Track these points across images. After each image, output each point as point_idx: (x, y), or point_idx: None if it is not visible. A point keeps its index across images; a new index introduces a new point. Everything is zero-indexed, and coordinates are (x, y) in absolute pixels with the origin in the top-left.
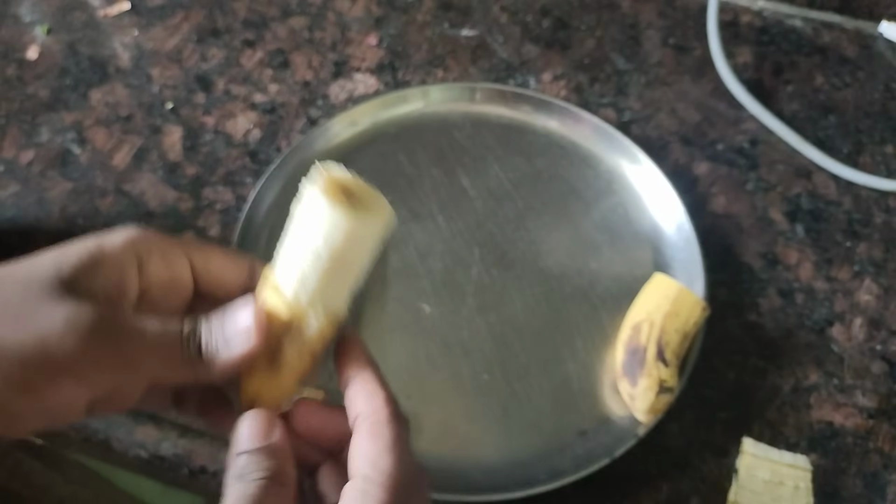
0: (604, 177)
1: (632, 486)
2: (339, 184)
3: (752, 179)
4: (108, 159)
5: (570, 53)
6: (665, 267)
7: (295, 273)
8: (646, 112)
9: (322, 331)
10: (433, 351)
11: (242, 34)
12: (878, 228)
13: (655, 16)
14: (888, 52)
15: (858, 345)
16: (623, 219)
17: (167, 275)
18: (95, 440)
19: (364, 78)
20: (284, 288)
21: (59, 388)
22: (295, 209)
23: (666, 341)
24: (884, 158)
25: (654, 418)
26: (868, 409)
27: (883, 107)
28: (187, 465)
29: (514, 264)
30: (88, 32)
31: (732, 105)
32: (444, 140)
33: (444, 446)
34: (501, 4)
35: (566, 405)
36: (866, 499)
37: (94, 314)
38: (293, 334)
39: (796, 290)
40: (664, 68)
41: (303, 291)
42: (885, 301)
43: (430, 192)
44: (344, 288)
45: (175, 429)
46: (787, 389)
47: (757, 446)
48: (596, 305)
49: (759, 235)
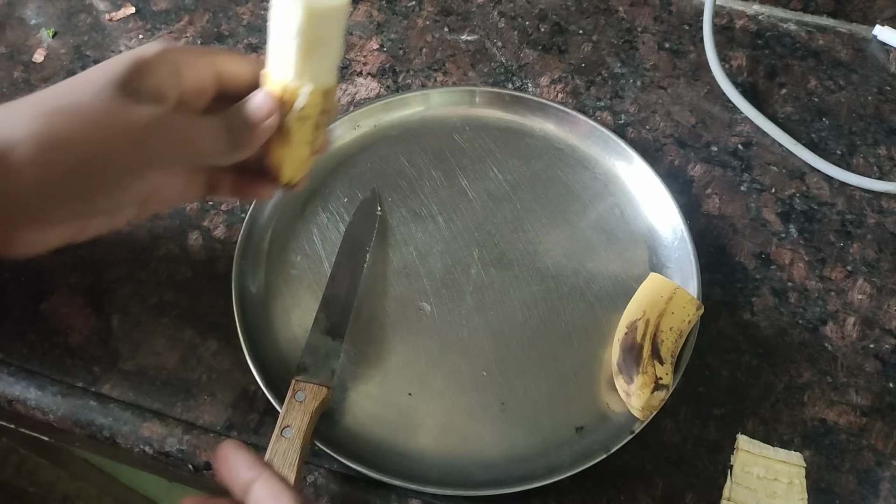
0: (600, 178)
1: (627, 482)
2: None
3: (746, 181)
4: None
5: (567, 57)
6: (660, 267)
7: (279, 60)
8: (641, 115)
9: (314, 99)
10: (433, 349)
11: (246, 38)
12: (871, 229)
13: (651, 20)
14: (881, 55)
15: (852, 343)
16: (619, 220)
17: (197, 78)
18: (101, 437)
19: (366, 82)
20: (274, 74)
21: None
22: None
23: (661, 339)
24: (877, 160)
25: (650, 415)
26: (861, 407)
27: (876, 109)
28: (192, 462)
29: (513, 264)
30: (94, 36)
31: (727, 108)
32: (444, 143)
33: (443, 442)
34: (500, 10)
35: (563, 402)
36: (859, 495)
37: (156, 111)
38: (292, 109)
39: (790, 290)
40: (660, 72)
41: (288, 71)
42: (878, 300)
43: (431, 193)
44: (321, 62)
45: (180, 425)
46: (781, 387)
47: (751, 443)
48: (592, 304)
49: (752, 236)
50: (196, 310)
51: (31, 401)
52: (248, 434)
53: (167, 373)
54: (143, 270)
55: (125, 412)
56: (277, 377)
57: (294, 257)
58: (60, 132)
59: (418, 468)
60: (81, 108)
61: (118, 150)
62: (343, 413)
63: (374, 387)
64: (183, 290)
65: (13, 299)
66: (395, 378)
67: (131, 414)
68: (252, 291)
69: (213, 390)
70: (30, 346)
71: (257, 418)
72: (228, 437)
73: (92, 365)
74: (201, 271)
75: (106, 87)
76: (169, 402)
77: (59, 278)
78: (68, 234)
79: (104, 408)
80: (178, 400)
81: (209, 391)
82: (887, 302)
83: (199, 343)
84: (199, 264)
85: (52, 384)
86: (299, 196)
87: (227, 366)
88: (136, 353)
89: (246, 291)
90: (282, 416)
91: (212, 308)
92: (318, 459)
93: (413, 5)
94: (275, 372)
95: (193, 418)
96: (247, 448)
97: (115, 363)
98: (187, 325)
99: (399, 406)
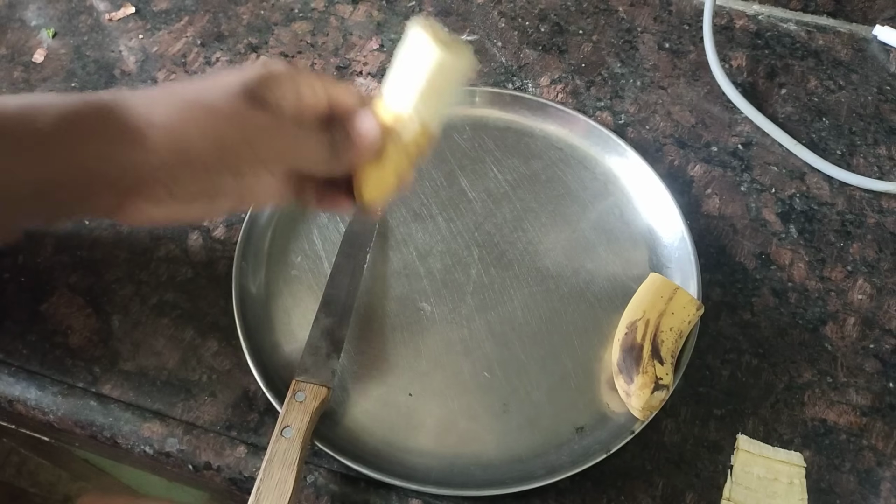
0: (600, 178)
1: (628, 482)
2: (435, 30)
3: (746, 181)
4: None
5: (567, 58)
6: (660, 267)
7: (398, 91)
8: (641, 115)
9: (417, 137)
10: (433, 349)
11: (246, 38)
12: (871, 229)
13: (651, 21)
14: (882, 55)
15: (852, 343)
16: (619, 220)
17: (312, 98)
18: (101, 437)
19: (366, 82)
20: (390, 103)
21: (256, 172)
22: (398, 49)
23: (661, 340)
24: (877, 160)
25: (650, 415)
26: (861, 407)
27: (876, 109)
28: (192, 462)
29: (513, 264)
30: (94, 36)
31: (727, 108)
32: (444, 142)
33: (443, 442)
34: (500, 10)
35: (564, 402)
36: (860, 495)
37: (276, 119)
38: (395, 138)
39: (790, 290)
40: (660, 72)
41: (403, 104)
42: (878, 300)
43: (431, 193)
44: (435, 107)
45: (180, 425)
46: (781, 387)
47: (751, 443)
48: (592, 304)
49: (752, 236)
50: (196, 310)
51: (32, 401)
52: (248, 434)
53: (167, 373)
54: (144, 271)
55: (125, 412)
56: (277, 377)
57: (294, 257)
58: (193, 122)
59: (418, 468)
60: (213, 106)
61: (238, 145)
62: (343, 413)
63: (375, 387)
64: (183, 291)
65: (13, 299)
66: (395, 378)
67: (132, 414)
68: (252, 292)
69: (214, 390)
70: (30, 347)
71: (257, 418)
72: (229, 438)
73: (92, 365)
74: (201, 272)
75: (236, 91)
76: (169, 403)
77: (59, 279)
78: (172, 214)
79: (104, 408)
80: (179, 400)
81: (209, 391)
82: (887, 302)
83: (200, 343)
84: (199, 265)
85: (52, 384)
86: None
87: (227, 366)
88: (136, 353)
89: (246, 292)
90: (282, 416)
91: (212, 308)
92: (318, 459)
93: (413, 5)
94: (275, 372)
95: (194, 418)
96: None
97: (115, 363)
98: (188, 325)
99: (399, 406)
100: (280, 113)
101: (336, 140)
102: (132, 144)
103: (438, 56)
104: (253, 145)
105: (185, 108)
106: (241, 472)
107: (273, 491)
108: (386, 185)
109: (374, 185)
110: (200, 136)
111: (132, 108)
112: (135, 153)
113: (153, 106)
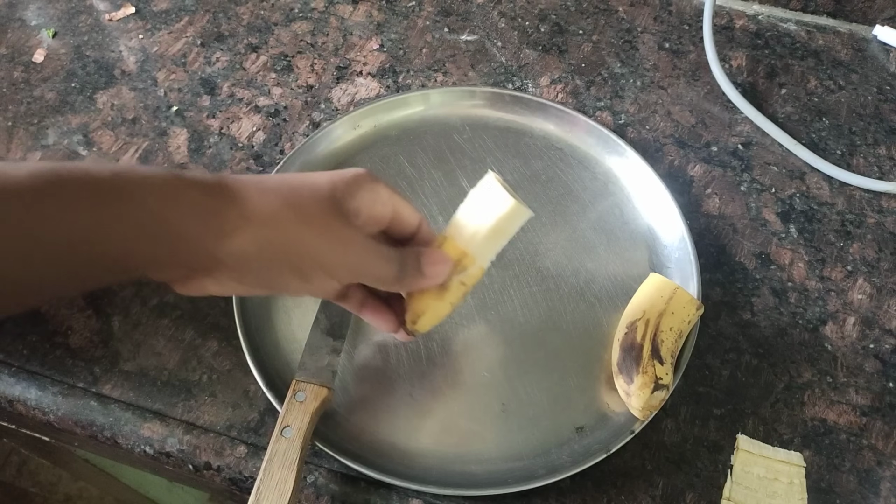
0: (600, 178)
1: (628, 482)
2: (503, 182)
3: (746, 181)
4: (114, 161)
5: (567, 58)
6: (660, 267)
7: (468, 231)
8: (641, 115)
9: (475, 274)
10: (434, 349)
11: (246, 38)
12: (871, 229)
13: (651, 21)
14: (881, 55)
15: (851, 343)
16: (619, 220)
17: (381, 210)
18: (102, 437)
19: (366, 82)
20: (458, 240)
21: (323, 279)
22: (470, 191)
23: (661, 339)
24: (877, 160)
25: (650, 415)
26: (861, 407)
27: (876, 109)
28: (192, 462)
29: (513, 264)
30: (94, 36)
31: (727, 108)
32: (444, 143)
33: (444, 442)
34: (500, 10)
35: (564, 402)
36: (860, 495)
37: (355, 233)
38: (458, 273)
39: (790, 290)
40: (660, 72)
41: (471, 244)
42: (878, 300)
43: (431, 193)
44: (494, 249)
45: (180, 425)
46: (781, 387)
47: (751, 443)
48: (592, 304)
49: (752, 236)
50: (196, 311)
51: (32, 401)
52: (248, 434)
53: (168, 373)
54: None
55: (126, 412)
56: (277, 377)
57: None
58: (284, 226)
59: (418, 468)
60: (304, 211)
61: (319, 256)
62: (343, 413)
63: (375, 387)
64: None
65: None
66: (395, 378)
67: (132, 414)
68: None
69: (214, 390)
70: (31, 347)
71: (257, 418)
72: (229, 438)
73: (93, 365)
74: None
75: (325, 197)
76: (169, 403)
77: None
78: (228, 292)
79: (105, 408)
80: (179, 400)
81: (210, 391)
82: (887, 302)
83: (200, 344)
84: None
85: (52, 385)
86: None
87: (227, 366)
88: (136, 353)
89: None
90: (282, 416)
91: (212, 309)
92: (318, 459)
93: (413, 5)
94: (275, 372)
95: (194, 418)
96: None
97: (115, 364)
98: (188, 325)
99: (399, 406)
100: (358, 224)
101: (406, 265)
102: (228, 234)
103: (512, 205)
104: (331, 258)
105: (281, 208)
106: (241, 472)
107: (273, 491)
108: (440, 314)
109: (431, 315)
110: (286, 241)
111: (244, 200)
112: (226, 242)
113: (265, 198)
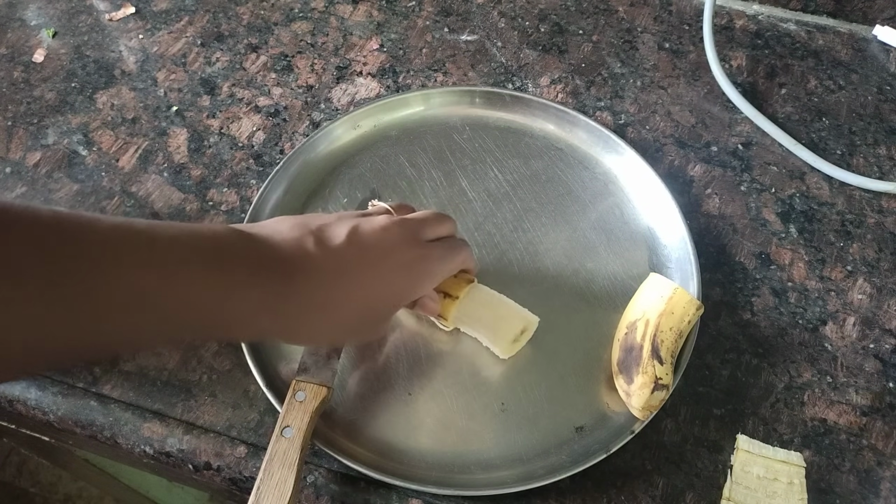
0: (600, 178)
1: (628, 482)
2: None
3: (746, 181)
4: (114, 161)
5: (567, 58)
6: (660, 267)
7: (472, 315)
8: (641, 115)
9: (445, 324)
10: (433, 349)
11: (246, 38)
12: (871, 229)
13: (651, 21)
14: (882, 55)
15: (851, 343)
16: (619, 220)
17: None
18: (101, 437)
19: (366, 82)
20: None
21: (387, 322)
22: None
23: (661, 339)
24: (877, 160)
25: (650, 415)
26: (861, 407)
27: (876, 109)
28: (192, 462)
29: (513, 264)
30: (94, 36)
31: (727, 108)
32: (444, 143)
33: (444, 442)
34: (500, 10)
35: (563, 402)
36: (860, 495)
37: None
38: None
39: (790, 290)
40: (659, 72)
41: (457, 320)
42: (878, 300)
43: (431, 193)
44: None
45: (180, 425)
46: (781, 387)
47: (751, 443)
48: (592, 304)
49: (752, 236)
50: None
51: (32, 401)
52: (248, 434)
53: (168, 373)
54: None
55: (126, 412)
56: (277, 377)
57: None
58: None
59: (418, 468)
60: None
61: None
62: (343, 413)
63: (374, 387)
64: None
65: None
66: (394, 378)
67: (132, 414)
68: None
69: (214, 391)
70: None
71: (257, 418)
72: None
73: (93, 365)
74: None
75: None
76: (169, 403)
77: None
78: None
79: (105, 408)
80: (179, 400)
81: (210, 391)
82: (887, 302)
83: (200, 344)
84: None
85: (52, 384)
86: (299, 196)
87: (227, 366)
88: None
89: None
90: (282, 416)
91: None
92: (318, 459)
93: (413, 5)
94: (275, 372)
95: (194, 418)
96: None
97: (115, 363)
98: None
99: (399, 406)
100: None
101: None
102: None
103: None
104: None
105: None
106: (240, 472)
107: (273, 491)
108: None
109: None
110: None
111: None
112: (305, 322)
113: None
